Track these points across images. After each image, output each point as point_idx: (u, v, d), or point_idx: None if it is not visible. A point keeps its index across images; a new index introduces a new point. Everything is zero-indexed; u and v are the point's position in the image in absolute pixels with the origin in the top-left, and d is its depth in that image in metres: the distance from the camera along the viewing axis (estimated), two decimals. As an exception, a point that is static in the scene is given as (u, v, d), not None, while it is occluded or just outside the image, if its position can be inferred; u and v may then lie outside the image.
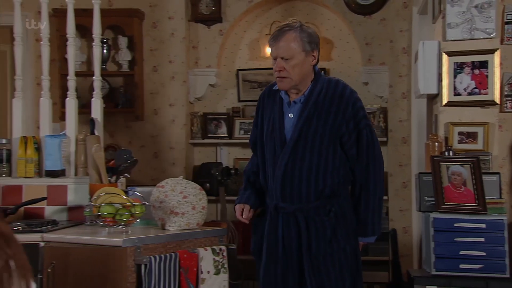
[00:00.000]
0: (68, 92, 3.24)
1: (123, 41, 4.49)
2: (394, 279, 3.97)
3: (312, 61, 2.42)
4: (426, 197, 2.81)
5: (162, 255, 2.34)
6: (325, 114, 2.39)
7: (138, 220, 2.63)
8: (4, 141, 3.16)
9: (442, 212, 2.68)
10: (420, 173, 2.90)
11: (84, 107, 3.58)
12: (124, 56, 4.54)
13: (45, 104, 3.21)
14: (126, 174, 3.08)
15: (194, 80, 4.75)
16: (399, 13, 4.46)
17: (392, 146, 4.47)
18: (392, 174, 4.44)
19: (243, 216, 2.51)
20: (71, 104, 3.21)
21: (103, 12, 3.39)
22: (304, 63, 2.39)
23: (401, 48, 4.45)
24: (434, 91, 3.11)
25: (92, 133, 3.17)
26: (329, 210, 2.41)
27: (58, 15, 4.23)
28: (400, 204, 4.42)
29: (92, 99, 3.25)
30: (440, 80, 3.04)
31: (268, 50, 4.73)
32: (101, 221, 2.56)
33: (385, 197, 3.12)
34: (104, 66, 4.51)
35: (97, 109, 3.23)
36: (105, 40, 4.44)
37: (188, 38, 4.70)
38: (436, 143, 2.94)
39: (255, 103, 2.54)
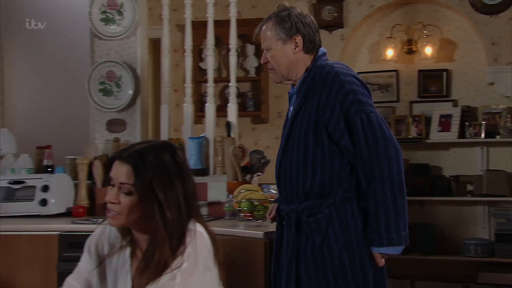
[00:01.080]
0: (208, 97, 3.57)
1: (250, 49, 4.81)
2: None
3: (295, 48, 2.15)
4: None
5: (299, 248, 2.55)
6: (311, 101, 2.10)
7: (273, 216, 2.88)
8: (152, 142, 3.57)
9: None
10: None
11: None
12: (251, 62, 4.86)
13: (188, 109, 3.57)
14: (259, 173, 3.35)
15: (316, 83, 4.95)
16: (527, 12, 4.36)
17: (520, 147, 4.39)
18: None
19: (270, 216, 2.37)
20: (210, 108, 3.54)
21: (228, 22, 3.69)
22: (283, 52, 2.15)
23: (530, 47, 4.35)
24: None
25: (229, 135, 3.48)
26: (320, 212, 2.08)
27: (193, 26, 4.62)
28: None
29: (228, 104, 3.56)
30: None
31: (389, 53, 4.82)
32: (241, 215, 2.84)
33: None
34: (233, 72, 4.86)
35: (232, 113, 3.53)
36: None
37: (311, 44, 4.91)
38: None
39: (375, 104, 2.20)
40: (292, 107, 2.19)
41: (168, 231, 1.51)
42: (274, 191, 2.96)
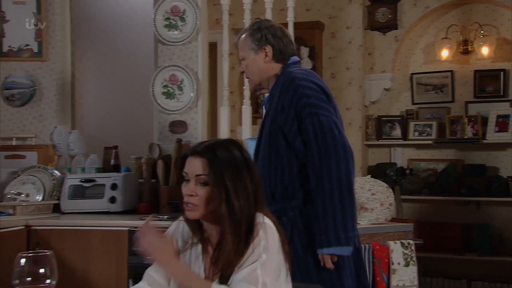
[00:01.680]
0: (244, 100, 3.70)
1: (304, 51, 4.90)
2: None
3: (265, 57, 2.28)
4: None
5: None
6: (274, 108, 2.20)
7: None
8: (213, 143, 3.71)
9: None
10: None
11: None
12: (305, 65, 4.94)
13: (247, 111, 3.69)
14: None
15: (369, 85, 5.01)
16: None
17: None
18: None
19: None
20: (247, 110, 3.68)
21: (286, 25, 3.79)
22: (255, 62, 2.29)
23: None
24: None
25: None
26: (285, 213, 2.13)
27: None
28: None
29: (286, 106, 3.66)
30: None
31: (444, 54, 4.82)
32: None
33: None
34: (287, 74, 4.97)
35: (290, 115, 3.64)
36: (288, 51, 4.89)
37: (365, 46, 4.97)
38: None
39: (430, 105, 2.27)
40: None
41: (234, 219, 1.59)
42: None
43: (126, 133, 4.62)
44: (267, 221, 1.65)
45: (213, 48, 4.74)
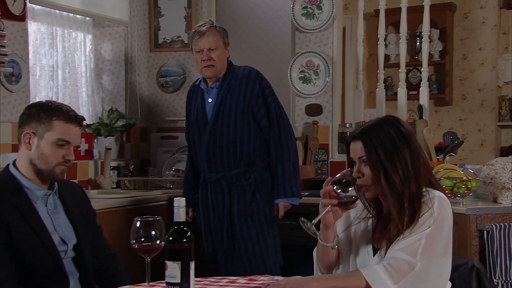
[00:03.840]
0: (400, 82, 3.79)
1: (435, 33, 4.89)
2: None
3: (227, 53, 2.91)
4: None
5: (502, 224, 2.70)
6: (237, 92, 2.84)
7: (471, 194, 3.04)
8: (347, 125, 3.89)
9: None
10: None
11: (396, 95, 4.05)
12: (436, 46, 4.95)
13: (381, 94, 3.82)
14: (452, 154, 3.50)
15: (503, 65, 4.90)
16: None
17: None
18: None
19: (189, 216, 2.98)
20: (402, 93, 3.76)
21: (418, 8, 3.82)
22: (224, 54, 2.88)
23: None
24: None
25: (421, 117, 3.67)
26: (248, 177, 2.82)
27: (377, 15, 4.84)
28: None
29: (420, 88, 3.74)
30: None
31: None
32: (440, 192, 3.03)
33: None
34: (416, 57, 5.00)
35: (424, 97, 3.71)
36: (418, 34, 4.91)
37: (499, 25, 4.86)
38: None
39: None
40: (210, 99, 2.88)
41: (396, 194, 1.64)
42: (471, 170, 3.11)
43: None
44: (441, 194, 1.68)
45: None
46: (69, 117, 1.95)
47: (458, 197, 2.97)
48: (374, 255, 1.74)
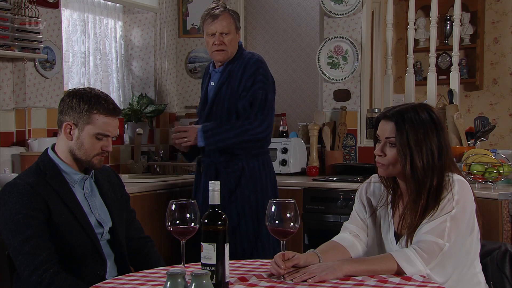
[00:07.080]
0: (430, 67, 3.75)
1: (465, 17, 4.81)
2: None
3: (239, 37, 2.86)
4: None
5: (534, 209, 2.68)
6: (235, 78, 2.79)
7: (503, 179, 3.00)
8: (376, 110, 3.87)
9: None
10: None
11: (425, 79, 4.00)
12: (467, 30, 4.86)
13: (410, 78, 3.78)
14: (483, 139, 3.47)
15: (536, 48, 4.80)
16: None
17: None
18: None
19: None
20: (432, 78, 3.71)
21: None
22: (235, 39, 2.82)
23: None
24: None
25: (451, 102, 3.63)
26: (236, 163, 2.78)
27: (407, -2, 4.78)
28: None
29: (451, 73, 3.70)
30: None
31: None
32: (471, 178, 3.01)
33: None
34: (445, 41, 4.92)
35: (454, 82, 3.67)
36: (448, 17, 4.83)
37: (533, 8, 4.75)
38: None
39: None
40: (212, 82, 2.85)
41: (417, 179, 1.69)
42: (503, 155, 3.07)
43: (293, 101, 4.93)
44: (459, 177, 1.73)
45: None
46: (108, 110, 1.97)
47: (490, 182, 2.94)
48: (396, 243, 1.78)
